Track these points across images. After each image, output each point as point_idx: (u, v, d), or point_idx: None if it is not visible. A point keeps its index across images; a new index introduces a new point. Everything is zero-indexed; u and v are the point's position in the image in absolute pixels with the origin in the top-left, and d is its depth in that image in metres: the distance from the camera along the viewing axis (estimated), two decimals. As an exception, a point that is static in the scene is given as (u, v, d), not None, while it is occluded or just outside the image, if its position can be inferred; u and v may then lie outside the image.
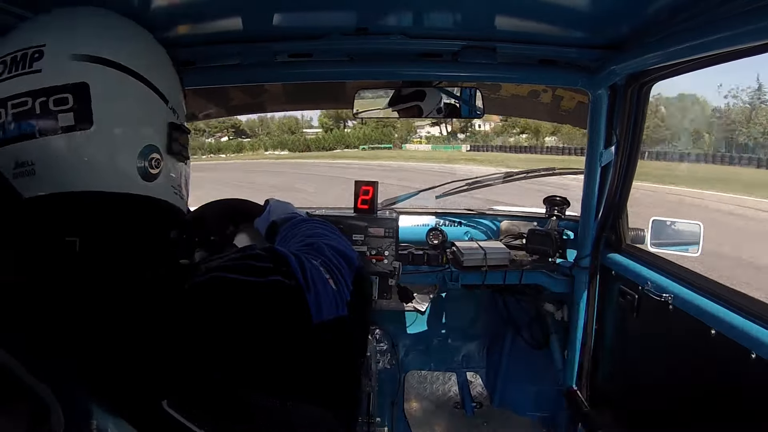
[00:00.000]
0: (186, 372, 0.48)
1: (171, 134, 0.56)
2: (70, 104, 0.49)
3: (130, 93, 0.53)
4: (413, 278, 1.74)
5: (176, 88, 0.60)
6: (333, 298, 0.59)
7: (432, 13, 1.15)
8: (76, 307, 0.46)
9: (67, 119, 0.49)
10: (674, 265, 1.34)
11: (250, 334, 0.51)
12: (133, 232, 0.52)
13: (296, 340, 0.56)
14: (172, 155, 0.57)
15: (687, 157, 27.82)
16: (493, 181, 2.06)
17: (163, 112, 0.56)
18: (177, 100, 0.59)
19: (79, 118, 0.49)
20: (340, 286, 0.62)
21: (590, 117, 1.48)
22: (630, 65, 1.22)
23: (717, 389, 1.08)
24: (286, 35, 1.24)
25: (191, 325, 0.49)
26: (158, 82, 0.55)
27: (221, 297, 0.51)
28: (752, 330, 0.97)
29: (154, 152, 0.54)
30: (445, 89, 1.56)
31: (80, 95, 0.49)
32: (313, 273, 0.60)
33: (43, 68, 0.49)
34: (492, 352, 2.22)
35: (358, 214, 1.71)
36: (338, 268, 0.65)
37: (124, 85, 0.52)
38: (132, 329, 0.46)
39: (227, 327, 0.50)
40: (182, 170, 0.60)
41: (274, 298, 0.54)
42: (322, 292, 0.58)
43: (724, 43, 0.87)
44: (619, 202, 1.57)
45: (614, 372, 1.55)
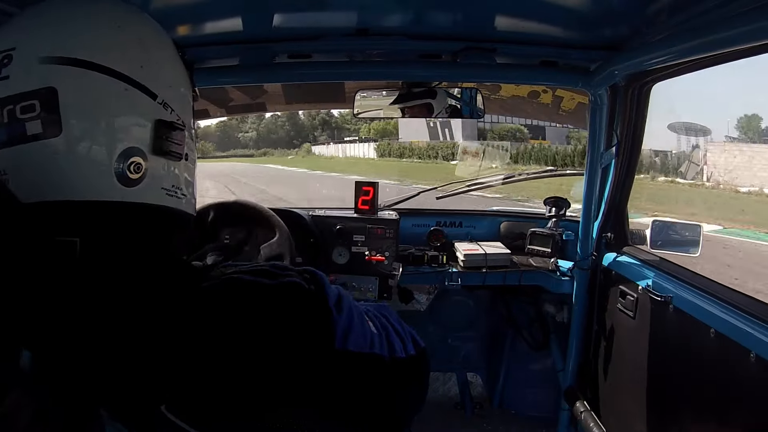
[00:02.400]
0: (191, 377, 0.46)
1: (159, 133, 0.51)
2: (37, 111, 0.46)
3: (106, 93, 0.48)
4: (413, 279, 1.74)
5: (174, 80, 0.55)
6: (369, 337, 0.55)
7: (432, 13, 1.15)
8: (67, 312, 0.44)
9: (34, 127, 0.46)
10: (674, 265, 1.34)
11: (262, 340, 0.48)
12: (119, 239, 0.49)
13: (312, 358, 0.50)
14: (160, 155, 0.52)
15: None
16: (493, 182, 2.06)
17: (149, 109, 0.51)
18: (173, 94, 0.54)
19: (47, 125, 0.46)
20: (384, 336, 0.58)
21: (590, 118, 1.48)
22: (630, 66, 1.21)
23: (717, 389, 1.08)
24: (285, 36, 1.24)
25: (203, 328, 0.47)
26: (144, 77, 0.51)
27: (235, 297, 0.49)
28: (752, 330, 0.97)
29: (135, 155, 0.49)
30: (445, 90, 1.56)
31: (47, 101, 0.46)
32: (352, 306, 0.55)
33: (11, 74, 0.47)
34: (492, 353, 2.22)
35: (359, 215, 1.71)
36: (397, 330, 0.61)
37: (98, 85, 0.48)
38: (131, 333, 0.45)
39: (238, 330, 0.48)
40: (178, 169, 0.55)
41: (289, 299, 0.50)
42: (357, 326, 0.54)
43: (724, 43, 0.87)
44: (619, 202, 1.57)
45: (614, 372, 1.55)
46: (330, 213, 1.72)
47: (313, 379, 0.50)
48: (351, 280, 1.65)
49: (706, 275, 1.23)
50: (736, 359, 0.99)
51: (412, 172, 14.44)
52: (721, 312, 1.06)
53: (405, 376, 0.61)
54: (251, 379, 0.48)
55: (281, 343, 0.49)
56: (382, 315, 0.63)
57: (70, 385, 0.43)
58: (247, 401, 0.48)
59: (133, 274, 0.48)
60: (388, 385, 0.58)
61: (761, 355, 0.93)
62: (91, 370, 0.44)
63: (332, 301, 0.53)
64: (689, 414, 1.18)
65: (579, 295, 1.69)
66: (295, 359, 0.49)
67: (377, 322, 0.60)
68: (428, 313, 2.07)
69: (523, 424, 2.03)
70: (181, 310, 0.47)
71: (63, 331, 0.44)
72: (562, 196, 1.94)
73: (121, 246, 0.49)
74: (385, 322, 0.61)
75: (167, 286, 0.49)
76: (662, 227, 1.45)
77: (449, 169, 14.85)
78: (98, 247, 0.48)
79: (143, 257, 0.51)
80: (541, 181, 2.29)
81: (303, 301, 0.51)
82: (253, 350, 0.48)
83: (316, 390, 0.51)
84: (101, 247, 0.48)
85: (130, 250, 0.50)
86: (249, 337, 0.48)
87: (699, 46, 0.92)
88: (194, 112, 0.60)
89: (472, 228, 2.01)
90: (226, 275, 0.50)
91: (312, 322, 0.51)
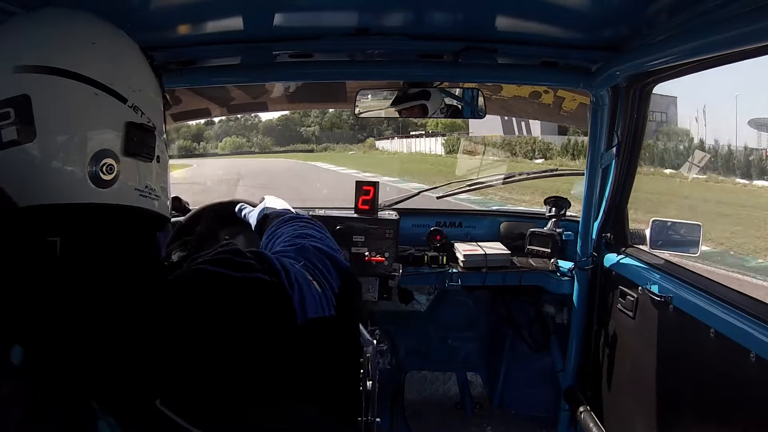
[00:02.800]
0: (172, 368, 0.48)
1: (129, 135, 0.53)
2: (12, 118, 0.48)
3: (77, 99, 0.51)
4: (413, 279, 1.74)
5: (143, 84, 0.57)
6: (318, 300, 0.59)
7: (433, 14, 1.15)
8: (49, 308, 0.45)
9: (10, 133, 0.48)
10: (674, 265, 1.35)
11: (234, 329, 0.51)
12: (97, 239, 0.51)
13: (281, 339, 0.56)
14: (132, 156, 0.54)
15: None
16: (493, 182, 2.06)
17: (119, 112, 0.54)
18: (142, 98, 0.56)
19: (22, 131, 0.48)
20: (324, 288, 0.62)
21: (591, 118, 1.48)
22: (631, 67, 1.22)
23: (717, 389, 1.08)
24: (286, 35, 1.24)
25: (174, 318, 0.48)
26: (114, 82, 0.53)
27: (204, 288, 0.51)
28: (752, 330, 0.97)
29: (107, 157, 0.52)
30: (446, 90, 1.56)
31: (21, 108, 0.48)
32: (297, 275, 0.59)
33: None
34: (492, 353, 2.22)
35: (359, 215, 1.71)
36: (323, 271, 0.64)
37: (70, 91, 0.50)
38: (109, 327, 0.46)
39: (210, 319, 0.50)
40: (151, 170, 0.57)
41: (256, 294, 0.54)
42: (307, 293, 0.58)
43: (725, 44, 0.87)
44: (619, 203, 1.57)
45: (614, 372, 1.55)
46: (330, 213, 1.72)
47: (286, 356, 0.56)
48: None
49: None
50: (736, 359, 0.99)
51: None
52: (721, 312, 1.06)
53: (345, 318, 0.67)
54: (225, 369, 0.51)
55: (250, 331, 0.53)
56: (309, 261, 0.66)
57: (59, 379, 0.44)
58: (228, 391, 0.51)
59: (109, 272, 0.50)
60: (340, 333, 0.66)
61: (761, 355, 0.94)
62: (74, 364, 0.45)
63: (287, 284, 0.57)
64: (689, 414, 1.18)
65: (579, 296, 1.69)
66: (265, 344, 0.54)
67: (316, 273, 0.64)
68: (428, 314, 2.08)
69: (523, 424, 2.03)
70: (152, 302, 0.49)
71: (46, 326, 0.45)
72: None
73: (100, 244, 0.51)
74: (315, 261, 0.66)
75: (138, 281, 0.51)
76: (662, 227, 1.45)
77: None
78: (76, 248, 0.50)
79: (119, 256, 0.52)
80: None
81: (268, 295, 0.55)
82: (226, 336, 0.51)
83: (292, 365, 0.57)
84: (79, 247, 0.50)
85: (107, 249, 0.52)
86: (222, 325, 0.51)
87: (700, 47, 0.93)
88: (165, 116, 0.63)
89: (472, 228, 2.01)
90: (193, 265, 0.54)
91: (276, 310, 0.55)
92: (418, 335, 2.12)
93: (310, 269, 0.64)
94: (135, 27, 1.04)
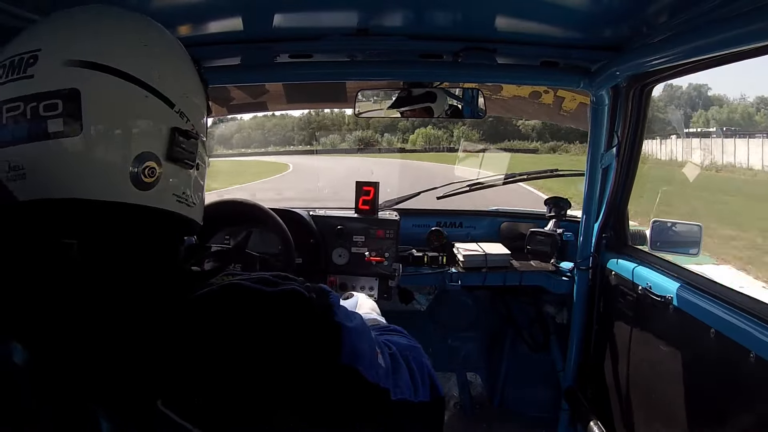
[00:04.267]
0: (185, 379, 0.46)
1: (174, 140, 0.53)
2: (59, 110, 0.48)
3: (126, 98, 0.51)
4: (413, 279, 1.74)
5: (191, 91, 0.58)
6: (377, 366, 0.55)
7: (433, 14, 1.15)
8: (69, 310, 0.45)
9: (56, 125, 0.48)
10: (674, 265, 1.35)
11: (257, 345, 0.48)
12: (125, 241, 0.51)
13: (313, 366, 0.50)
14: (173, 162, 0.54)
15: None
16: (493, 182, 2.06)
17: (166, 116, 0.54)
18: (189, 105, 0.56)
19: (69, 124, 0.48)
20: (397, 374, 0.58)
21: (591, 118, 1.48)
22: (631, 67, 1.22)
23: (717, 389, 1.08)
24: (286, 36, 1.24)
25: (191, 332, 0.47)
26: (163, 86, 0.53)
27: (228, 304, 0.49)
28: (752, 330, 0.97)
29: (150, 160, 0.52)
30: (447, 90, 1.56)
31: (70, 101, 0.48)
32: (363, 330, 0.56)
33: (36, 73, 0.49)
34: (492, 353, 2.22)
35: (359, 215, 1.71)
36: (409, 362, 0.61)
37: (120, 90, 0.50)
38: (129, 335, 0.45)
39: (230, 335, 0.48)
40: (190, 177, 0.57)
41: (287, 307, 0.50)
42: (368, 350, 0.54)
43: (725, 44, 0.87)
44: (620, 203, 1.57)
45: (614, 372, 1.55)
46: (330, 213, 1.72)
47: (312, 388, 0.50)
48: (351, 281, 1.65)
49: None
50: (736, 359, 0.99)
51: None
52: (721, 312, 1.06)
53: (412, 419, 0.60)
54: (247, 383, 0.48)
55: (279, 348, 0.49)
56: (402, 354, 0.63)
57: (63, 383, 0.43)
58: (245, 404, 0.48)
59: (134, 276, 0.49)
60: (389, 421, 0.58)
61: (761, 355, 0.94)
62: (82, 369, 0.44)
63: (341, 316, 0.53)
64: (689, 414, 1.18)
65: (579, 296, 1.69)
66: (294, 366, 0.49)
67: (397, 358, 0.60)
68: (428, 314, 2.08)
69: (523, 424, 2.03)
70: (177, 312, 0.48)
71: (55, 329, 0.44)
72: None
73: (127, 247, 0.51)
74: (401, 359, 0.62)
75: (166, 289, 0.50)
76: (662, 227, 1.45)
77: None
78: (103, 247, 0.49)
79: (146, 260, 0.52)
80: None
81: (302, 308, 0.51)
82: (250, 354, 0.48)
83: (315, 400, 0.51)
84: (107, 246, 0.49)
85: (135, 251, 0.51)
86: (245, 342, 0.48)
87: (700, 47, 0.92)
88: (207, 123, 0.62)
89: (472, 228, 2.02)
90: (226, 282, 0.51)
91: (312, 329, 0.51)
92: (418, 335, 2.10)
93: (392, 348, 0.61)
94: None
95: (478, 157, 2.42)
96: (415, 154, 28.50)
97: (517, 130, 29.36)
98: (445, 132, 34.06)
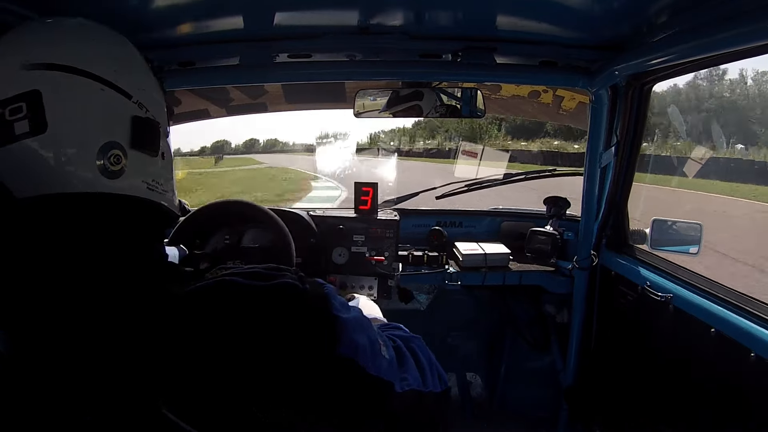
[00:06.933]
0: (180, 375, 0.47)
1: (135, 128, 0.57)
2: (24, 113, 0.51)
3: (84, 93, 0.54)
4: (413, 279, 1.74)
5: (147, 85, 0.61)
6: (380, 358, 0.55)
7: (432, 13, 1.15)
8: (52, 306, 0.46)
9: (22, 127, 0.51)
10: (674, 265, 1.35)
11: (252, 340, 0.48)
12: (103, 230, 0.53)
13: (310, 358, 0.50)
14: (138, 149, 0.57)
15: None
16: (493, 182, 2.06)
17: (125, 107, 0.57)
18: (146, 96, 0.59)
19: (34, 124, 0.51)
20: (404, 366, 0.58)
21: (591, 117, 1.48)
22: (631, 66, 1.21)
23: (717, 389, 1.08)
24: (286, 35, 1.24)
25: (184, 328, 0.47)
26: (119, 79, 0.56)
27: (222, 299, 0.50)
28: (752, 330, 0.97)
29: (114, 149, 0.55)
30: (445, 90, 1.55)
31: (33, 103, 0.51)
32: (361, 322, 0.56)
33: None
34: (492, 353, 2.22)
35: (359, 215, 1.71)
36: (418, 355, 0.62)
37: (78, 87, 0.54)
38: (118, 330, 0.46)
39: (224, 330, 0.48)
40: (157, 165, 0.60)
41: (281, 300, 0.51)
42: (367, 342, 0.55)
43: (725, 43, 0.87)
44: (619, 202, 1.57)
45: (614, 372, 1.55)
46: (330, 213, 1.72)
47: (311, 382, 0.51)
48: (351, 281, 1.65)
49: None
50: (736, 358, 0.99)
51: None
52: (721, 311, 1.06)
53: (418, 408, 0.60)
54: (243, 378, 0.48)
55: (275, 343, 0.49)
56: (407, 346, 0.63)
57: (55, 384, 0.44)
58: (241, 400, 0.48)
59: (115, 264, 0.51)
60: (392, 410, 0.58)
61: (761, 354, 0.94)
62: (74, 368, 0.45)
63: (337, 307, 0.54)
64: (689, 413, 1.18)
65: (579, 295, 1.69)
66: (291, 360, 0.50)
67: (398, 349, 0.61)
68: (428, 313, 2.07)
69: (523, 424, 2.03)
70: (169, 308, 0.48)
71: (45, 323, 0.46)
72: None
73: (105, 236, 0.53)
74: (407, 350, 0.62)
75: (148, 277, 0.52)
76: (662, 226, 1.46)
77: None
78: (82, 238, 0.51)
79: (126, 248, 0.54)
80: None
81: (297, 301, 0.52)
82: (245, 350, 0.48)
83: (314, 394, 0.51)
84: (86, 237, 0.51)
85: (114, 240, 0.53)
86: (240, 338, 0.49)
87: (700, 46, 0.92)
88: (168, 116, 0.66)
89: (472, 228, 2.02)
90: (220, 276, 0.52)
91: (308, 321, 0.52)
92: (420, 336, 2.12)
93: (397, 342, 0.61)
94: (134, 27, 1.04)
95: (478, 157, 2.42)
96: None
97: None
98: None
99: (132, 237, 0.55)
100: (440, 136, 31.02)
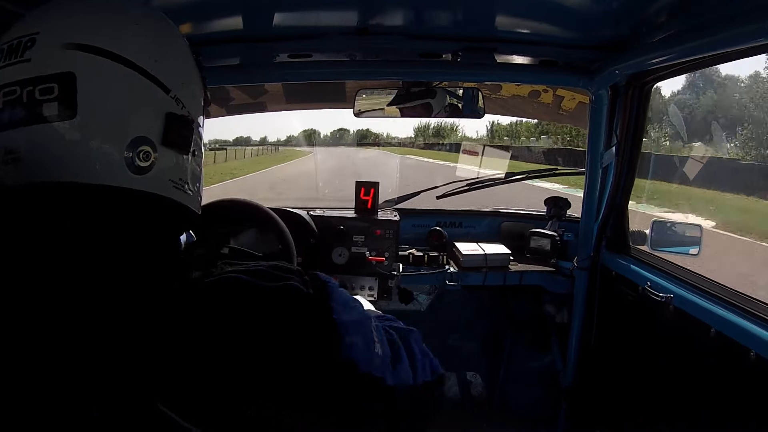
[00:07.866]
0: (180, 372, 0.46)
1: (169, 125, 0.53)
2: (55, 94, 0.48)
3: (121, 82, 0.51)
4: (413, 279, 1.74)
5: (187, 78, 0.58)
6: (373, 355, 0.55)
7: (432, 13, 1.15)
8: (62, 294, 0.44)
9: (51, 109, 0.48)
10: (674, 265, 1.35)
11: (252, 341, 0.48)
12: (121, 225, 0.50)
13: (310, 363, 0.50)
14: (169, 147, 0.54)
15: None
16: (493, 181, 2.06)
17: (162, 101, 0.54)
18: (185, 91, 0.56)
19: (64, 107, 0.48)
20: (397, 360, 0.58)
21: (591, 117, 1.48)
22: (631, 66, 1.21)
23: (717, 389, 1.08)
24: (286, 35, 1.24)
25: (187, 324, 0.47)
26: (159, 71, 0.53)
27: (226, 298, 0.49)
28: (752, 329, 0.97)
29: (144, 144, 0.52)
30: (446, 89, 1.55)
31: (66, 85, 0.48)
32: (361, 321, 0.56)
33: (33, 57, 0.49)
34: (492, 353, 2.22)
35: (359, 215, 1.71)
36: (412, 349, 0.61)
37: (115, 74, 0.50)
38: (123, 324, 0.45)
39: (226, 329, 0.47)
40: (186, 163, 0.57)
41: (283, 303, 0.50)
42: (363, 342, 0.54)
43: (725, 43, 0.87)
44: (619, 202, 1.57)
45: (614, 372, 1.55)
46: (330, 213, 1.72)
47: (311, 386, 0.50)
48: (351, 281, 1.65)
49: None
50: (736, 358, 0.99)
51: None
52: (721, 311, 1.06)
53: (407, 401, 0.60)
54: (241, 378, 0.47)
55: (275, 345, 0.49)
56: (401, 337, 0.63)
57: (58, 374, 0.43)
58: (241, 400, 0.48)
59: (129, 261, 0.49)
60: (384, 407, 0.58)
61: (761, 354, 0.94)
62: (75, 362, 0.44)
63: (338, 311, 0.53)
64: (689, 413, 1.18)
65: (579, 296, 1.69)
66: (291, 363, 0.49)
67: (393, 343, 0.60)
68: (428, 313, 2.08)
69: (523, 424, 2.03)
70: (172, 303, 0.47)
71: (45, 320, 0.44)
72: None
73: (123, 231, 0.50)
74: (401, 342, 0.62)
75: (162, 276, 0.50)
76: (662, 227, 1.45)
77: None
78: (99, 231, 0.49)
79: (143, 245, 0.51)
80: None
81: (299, 306, 0.51)
82: (244, 350, 0.48)
83: (312, 395, 0.50)
84: (102, 231, 0.49)
85: (131, 236, 0.51)
86: (240, 337, 0.48)
87: (700, 45, 0.93)
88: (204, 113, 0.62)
89: (472, 228, 2.01)
90: (224, 273, 0.51)
91: (309, 327, 0.51)
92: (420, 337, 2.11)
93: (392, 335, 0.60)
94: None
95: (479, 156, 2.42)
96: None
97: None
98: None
99: (149, 234, 0.53)
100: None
